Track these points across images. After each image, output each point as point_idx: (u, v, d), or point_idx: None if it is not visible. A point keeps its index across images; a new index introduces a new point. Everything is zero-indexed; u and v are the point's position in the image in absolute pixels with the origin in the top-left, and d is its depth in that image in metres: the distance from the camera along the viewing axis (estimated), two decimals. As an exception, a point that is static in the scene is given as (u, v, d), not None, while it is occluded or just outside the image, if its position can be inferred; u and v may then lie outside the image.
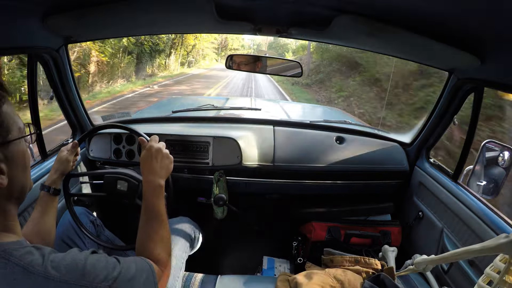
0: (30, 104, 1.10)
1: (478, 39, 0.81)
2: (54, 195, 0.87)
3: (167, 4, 0.87)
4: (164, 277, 0.68)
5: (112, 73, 10.75)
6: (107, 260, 0.53)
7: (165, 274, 0.69)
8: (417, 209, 1.40)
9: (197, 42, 20.59)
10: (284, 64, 1.41)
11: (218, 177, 1.40)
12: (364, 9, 0.81)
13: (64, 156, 0.93)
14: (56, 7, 0.85)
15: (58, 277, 0.46)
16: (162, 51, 15.36)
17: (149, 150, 0.79)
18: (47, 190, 0.86)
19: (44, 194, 0.86)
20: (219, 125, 1.60)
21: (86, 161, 1.45)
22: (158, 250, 0.70)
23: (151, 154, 0.78)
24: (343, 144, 1.51)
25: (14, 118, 0.53)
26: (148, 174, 0.77)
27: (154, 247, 0.70)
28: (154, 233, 0.72)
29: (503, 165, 1.05)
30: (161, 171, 0.78)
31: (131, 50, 12.10)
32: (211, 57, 29.75)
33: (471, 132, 1.13)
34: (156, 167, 0.78)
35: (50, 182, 0.88)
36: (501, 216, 0.98)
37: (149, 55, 13.94)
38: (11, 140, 0.51)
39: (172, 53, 17.18)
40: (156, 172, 0.77)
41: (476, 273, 1.00)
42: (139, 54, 12.88)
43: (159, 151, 0.79)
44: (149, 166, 0.78)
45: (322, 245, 1.36)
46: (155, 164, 0.78)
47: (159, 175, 0.77)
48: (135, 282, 0.56)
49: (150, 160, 0.78)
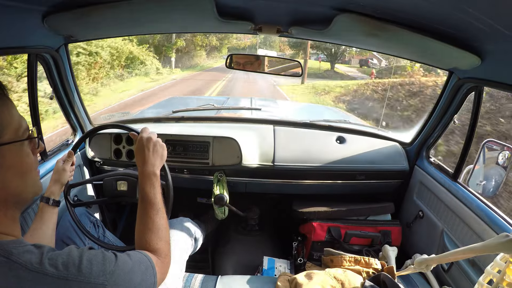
0: (30, 104, 1.10)
1: (478, 38, 0.82)
2: (53, 206, 0.87)
3: (167, 3, 0.86)
4: (164, 267, 0.68)
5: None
6: (104, 255, 0.53)
7: (165, 263, 0.69)
8: (417, 208, 1.40)
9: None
10: (284, 64, 1.42)
11: (218, 177, 1.40)
12: (364, 9, 0.81)
13: (61, 166, 0.93)
14: (56, 6, 0.85)
15: (56, 273, 0.47)
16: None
17: (140, 141, 0.80)
18: (46, 201, 0.86)
19: (43, 205, 0.86)
20: (219, 125, 1.60)
21: (86, 161, 1.45)
22: (156, 239, 0.70)
23: (142, 144, 0.79)
24: (343, 143, 1.51)
25: (9, 120, 0.50)
26: (142, 164, 0.78)
27: (152, 236, 0.70)
28: (151, 223, 0.72)
29: (503, 164, 1.05)
30: (155, 160, 0.79)
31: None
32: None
33: (471, 132, 1.13)
34: (148, 155, 0.78)
35: (49, 193, 0.88)
36: (501, 215, 0.98)
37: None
38: (2, 144, 0.48)
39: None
40: (149, 160, 0.78)
41: (477, 272, 1.00)
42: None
43: (149, 140, 0.80)
44: (142, 156, 0.78)
45: (322, 245, 1.36)
46: (147, 153, 0.78)
47: (152, 164, 0.78)
48: (133, 275, 0.56)
49: (142, 150, 0.79)
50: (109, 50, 9.96)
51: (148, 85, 11.24)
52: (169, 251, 0.73)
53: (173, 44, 17.13)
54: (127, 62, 11.85)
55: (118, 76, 11.00)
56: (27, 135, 0.53)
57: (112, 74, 10.42)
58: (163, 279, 0.66)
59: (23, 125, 0.53)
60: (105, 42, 9.53)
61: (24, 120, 0.53)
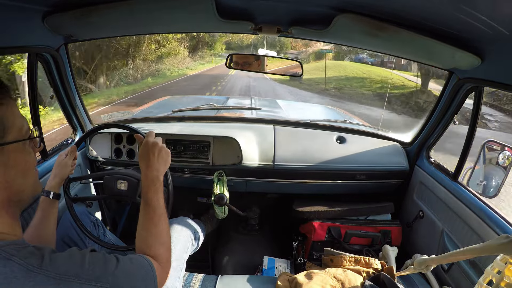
0: (30, 104, 1.10)
1: (478, 39, 0.82)
2: (54, 199, 0.87)
3: (168, 3, 0.86)
4: (164, 273, 0.68)
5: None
6: (105, 258, 0.54)
7: (165, 269, 0.69)
8: (417, 208, 1.41)
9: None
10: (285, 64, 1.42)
11: (218, 177, 1.40)
12: (364, 9, 0.81)
13: (63, 160, 0.93)
14: (56, 6, 0.85)
15: (58, 275, 0.47)
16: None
17: (145, 145, 0.80)
18: (47, 195, 0.86)
19: (44, 199, 0.86)
20: (219, 125, 1.60)
21: (86, 160, 1.45)
22: (157, 245, 0.70)
23: (147, 149, 0.79)
24: (343, 143, 1.51)
25: (14, 120, 0.51)
26: (146, 169, 0.78)
27: (154, 242, 0.70)
28: (153, 228, 0.72)
29: (503, 164, 1.05)
30: (159, 165, 0.79)
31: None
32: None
33: (471, 132, 1.13)
34: (153, 161, 0.78)
35: (50, 187, 0.88)
36: (501, 215, 0.98)
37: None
38: (7, 143, 0.49)
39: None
40: (153, 166, 0.78)
41: (477, 272, 1.00)
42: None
43: (155, 145, 0.80)
44: (147, 160, 0.78)
45: (322, 245, 1.36)
46: (152, 158, 0.78)
47: (156, 169, 0.78)
48: (134, 279, 0.56)
49: (147, 154, 0.78)
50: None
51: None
52: (169, 257, 0.73)
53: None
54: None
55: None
56: (28, 134, 0.55)
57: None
58: (163, 285, 0.66)
59: (25, 125, 0.54)
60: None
61: (25, 120, 0.55)
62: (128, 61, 11.59)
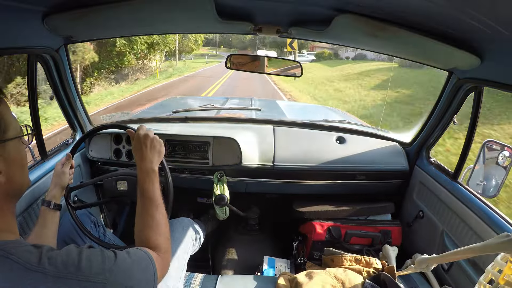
0: (30, 104, 1.10)
1: (478, 39, 0.82)
2: (55, 210, 0.87)
3: (167, 4, 0.86)
4: (164, 263, 0.69)
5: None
6: (103, 254, 0.54)
7: (165, 259, 0.70)
8: (417, 208, 1.41)
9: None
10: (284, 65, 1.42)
11: (218, 177, 1.40)
12: (364, 9, 0.81)
13: (60, 169, 0.94)
14: (56, 7, 0.85)
15: (55, 272, 0.47)
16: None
17: (137, 138, 0.81)
18: (47, 205, 0.87)
19: (45, 209, 0.86)
20: (219, 125, 1.60)
21: (86, 161, 1.45)
22: (155, 235, 0.71)
23: (139, 142, 0.80)
24: (343, 143, 1.51)
25: (10, 118, 0.54)
26: (141, 161, 0.79)
27: (152, 232, 0.71)
28: (150, 219, 0.73)
29: (503, 164, 1.05)
30: (152, 156, 0.80)
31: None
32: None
33: (471, 132, 1.13)
34: (146, 152, 0.79)
35: (50, 197, 0.88)
36: (501, 215, 0.98)
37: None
38: (8, 139, 0.52)
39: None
40: (147, 157, 0.79)
41: (477, 272, 1.00)
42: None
43: (146, 136, 0.81)
44: (140, 153, 0.79)
45: (323, 245, 1.36)
46: (145, 150, 0.79)
47: (150, 160, 0.79)
48: (133, 273, 0.56)
49: (140, 147, 0.80)
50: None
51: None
52: (169, 246, 0.73)
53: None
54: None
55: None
56: (23, 131, 0.58)
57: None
58: (164, 275, 0.67)
59: (17, 123, 0.57)
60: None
61: (16, 119, 0.58)
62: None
